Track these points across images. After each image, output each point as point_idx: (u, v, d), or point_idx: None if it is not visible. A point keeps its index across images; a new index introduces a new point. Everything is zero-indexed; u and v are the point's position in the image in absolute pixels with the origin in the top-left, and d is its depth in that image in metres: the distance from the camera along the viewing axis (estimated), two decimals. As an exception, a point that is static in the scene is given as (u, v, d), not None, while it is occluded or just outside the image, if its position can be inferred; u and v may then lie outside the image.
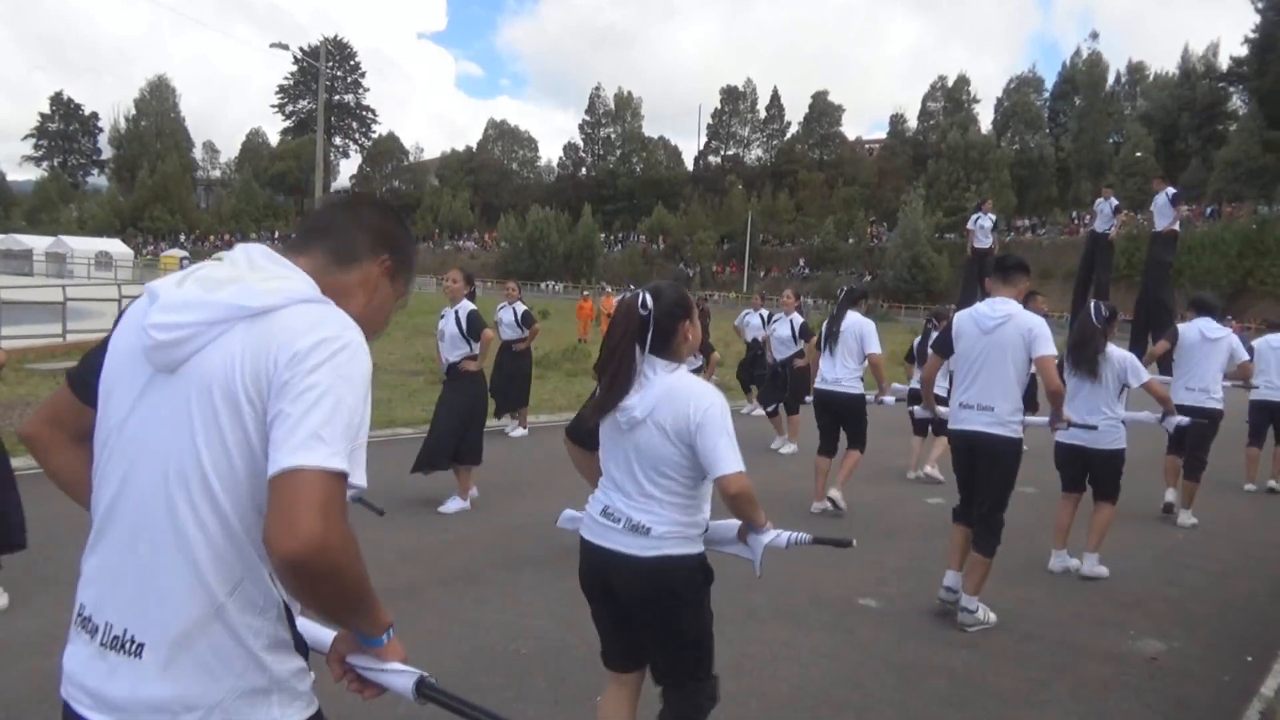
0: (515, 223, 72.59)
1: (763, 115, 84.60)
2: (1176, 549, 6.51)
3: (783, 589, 4.91)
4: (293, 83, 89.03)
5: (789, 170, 77.44)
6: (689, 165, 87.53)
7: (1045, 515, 6.73)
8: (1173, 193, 12.87)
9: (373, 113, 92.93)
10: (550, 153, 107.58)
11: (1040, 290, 8.01)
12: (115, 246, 55.17)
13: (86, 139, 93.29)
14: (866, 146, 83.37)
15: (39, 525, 4.35)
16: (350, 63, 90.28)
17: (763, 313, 12.49)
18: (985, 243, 15.28)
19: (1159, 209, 13.15)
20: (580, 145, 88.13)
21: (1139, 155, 59.19)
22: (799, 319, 9.87)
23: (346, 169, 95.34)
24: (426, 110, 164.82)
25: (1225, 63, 64.48)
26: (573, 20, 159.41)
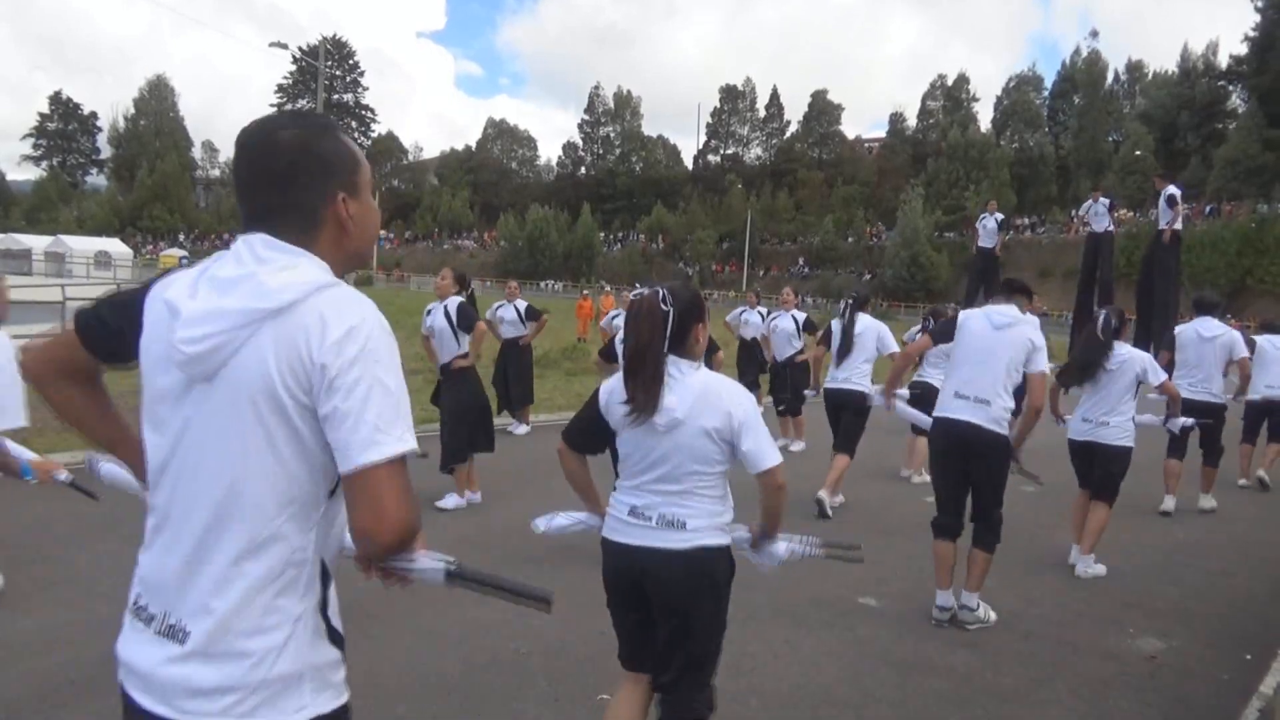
0: (515, 222, 72.54)
1: (762, 114, 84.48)
2: (1176, 549, 6.50)
3: (783, 588, 4.90)
4: (292, 82, 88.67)
5: (788, 169, 77.34)
6: (688, 164, 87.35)
7: (1045, 514, 6.75)
8: (1169, 193, 12.92)
9: (372, 112, 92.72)
10: (550, 152, 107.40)
11: (1039, 290, 8.03)
12: (114, 246, 54.97)
13: (86, 138, 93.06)
14: (866, 145, 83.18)
15: (39, 525, 4.35)
16: (349, 62, 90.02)
17: (761, 310, 12.48)
18: (989, 242, 15.51)
19: (1160, 210, 13.22)
20: (580, 144, 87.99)
21: (1138, 154, 59.16)
22: (801, 315, 9.85)
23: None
24: (426, 109, 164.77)
25: (1225, 61, 64.56)
26: (572, 19, 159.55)
